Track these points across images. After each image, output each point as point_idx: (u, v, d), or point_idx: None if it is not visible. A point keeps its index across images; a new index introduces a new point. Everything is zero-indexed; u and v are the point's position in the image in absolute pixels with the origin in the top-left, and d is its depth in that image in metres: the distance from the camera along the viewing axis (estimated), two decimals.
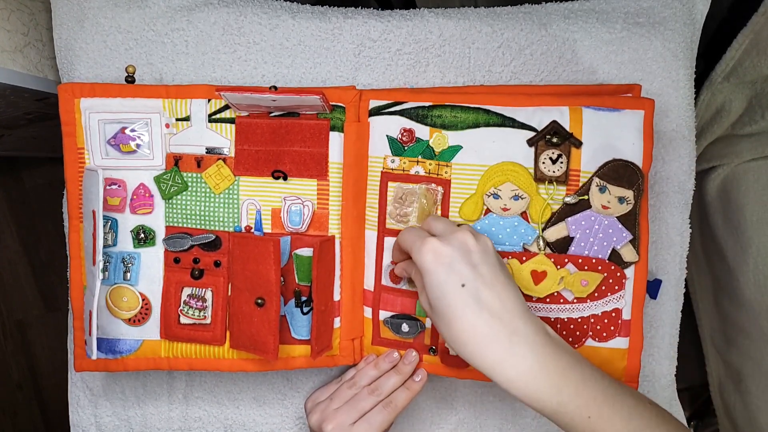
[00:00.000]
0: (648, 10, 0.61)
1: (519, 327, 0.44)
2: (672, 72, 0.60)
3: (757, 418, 0.86)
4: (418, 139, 0.56)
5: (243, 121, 0.56)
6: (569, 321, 0.55)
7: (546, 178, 0.54)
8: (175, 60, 0.61)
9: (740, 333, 0.85)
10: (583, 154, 0.54)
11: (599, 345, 0.56)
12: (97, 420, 0.67)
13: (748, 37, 0.67)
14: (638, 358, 0.56)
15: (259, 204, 0.57)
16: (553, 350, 0.44)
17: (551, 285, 0.54)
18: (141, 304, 0.58)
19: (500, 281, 0.45)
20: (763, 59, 0.67)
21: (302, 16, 0.61)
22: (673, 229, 0.63)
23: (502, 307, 0.44)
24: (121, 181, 0.57)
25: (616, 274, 0.55)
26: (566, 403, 0.43)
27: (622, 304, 0.55)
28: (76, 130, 0.56)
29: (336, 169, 0.57)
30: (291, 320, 0.58)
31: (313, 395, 0.61)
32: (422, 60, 0.61)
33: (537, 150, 0.54)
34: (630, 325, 0.56)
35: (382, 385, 0.57)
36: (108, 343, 0.58)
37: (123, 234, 0.57)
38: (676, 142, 0.62)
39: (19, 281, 1.31)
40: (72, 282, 0.58)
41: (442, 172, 0.56)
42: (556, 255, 0.54)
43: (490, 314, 0.43)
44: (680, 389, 0.68)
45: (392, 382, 0.57)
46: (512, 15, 0.61)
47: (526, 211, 0.55)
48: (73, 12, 0.61)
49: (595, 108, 0.54)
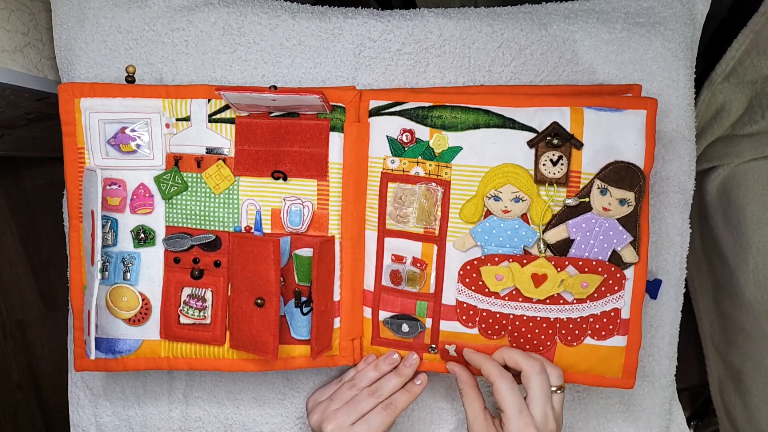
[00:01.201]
0: (648, 10, 0.61)
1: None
2: (672, 72, 0.60)
3: (757, 418, 0.86)
4: (418, 139, 0.56)
5: (243, 121, 0.56)
6: (568, 321, 0.55)
7: (546, 180, 0.54)
8: (175, 60, 0.61)
9: (740, 333, 0.85)
10: (584, 155, 0.54)
11: (597, 343, 0.56)
12: (97, 420, 0.67)
13: (748, 37, 0.67)
14: (636, 356, 0.56)
15: (259, 204, 0.57)
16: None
17: (552, 287, 0.54)
18: (141, 304, 0.58)
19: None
20: (763, 59, 0.67)
21: (302, 16, 0.61)
22: (673, 229, 0.63)
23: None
24: (121, 181, 0.57)
25: (615, 275, 0.55)
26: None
27: (621, 304, 0.55)
28: (76, 129, 0.56)
29: (336, 170, 0.57)
30: (291, 320, 0.58)
31: (314, 395, 0.61)
32: (422, 60, 0.61)
33: (537, 151, 0.54)
34: (629, 323, 0.56)
35: (382, 387, 0.57)
36: (108, 343, 0.58)
37: (123, 234, 0.57)
38: (676, 142, 0.62)
39: (19, 281, 1.31)
40: (72, 282, 0.58)
41: (442, 173, 0.56)
42: (556, 258, 0.54)
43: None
44: (680, 389, 0.68)
45: (392, 384, 0.57)
46: (512, 15, 0.61)
47: (526, 213, 0.54)
48: (73, 12, 0.61)
49: (596, 108, 0.54)
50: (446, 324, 0.57)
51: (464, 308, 0.56)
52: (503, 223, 0.55)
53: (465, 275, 0.56)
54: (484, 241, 0.55)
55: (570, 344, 0.56)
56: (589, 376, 0.57)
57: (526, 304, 0.55)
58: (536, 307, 0.55)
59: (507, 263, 0.54)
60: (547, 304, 0.55)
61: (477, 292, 0.56)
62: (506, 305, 0.55)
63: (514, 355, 0.54)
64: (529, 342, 0.56)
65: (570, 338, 0.56)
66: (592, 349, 0.56)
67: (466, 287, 0.56)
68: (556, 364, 0.55)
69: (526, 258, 0.54)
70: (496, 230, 0.55)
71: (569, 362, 0.56)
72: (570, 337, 0.56)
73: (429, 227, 0.56)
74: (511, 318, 0.56)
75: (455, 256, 0.56)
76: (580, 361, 0.56)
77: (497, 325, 0.56)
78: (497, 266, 0.55)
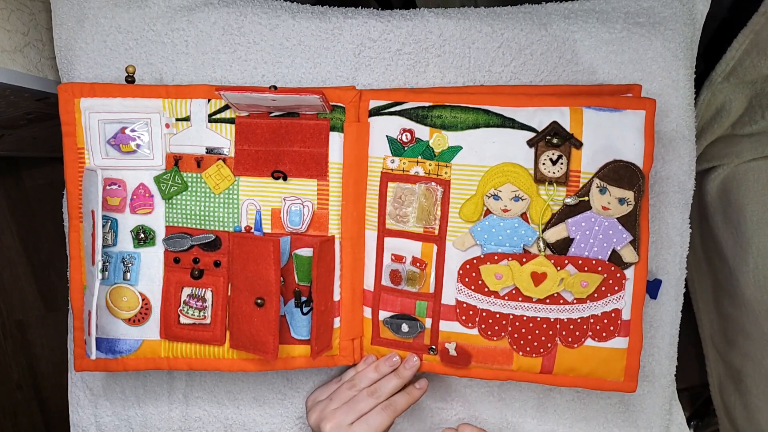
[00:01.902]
0: (648, 10, 0.61)
1: None
2: (672, 72, 0.60)
3: (757, 418, 0.86)
4: (418, 139, 0.56)
5: (243, 121, 0.56)
6: (569, 321, 0.55)
7: (546, 179, 0.54)
8: (175, 60, 0.61)
9: (740, 333, 0.85)
10: (583, 155, 0.54)
11: (599, 345, 0.56)
12: (97, 420, 0.67)
13: (748, 37, 0.67)
14: (638, 358, 0.56)
15: (259, 204, 0.57)
16: None
17: (551, 286, 0.54)
18: (141, 304, 0.58)
19: None
20: (763, 59, 0.67)
21: (302, 16, 0.61)
22: (673, 229, 0.63)
23: None
24: (121, 181, 0.57)
25: (615, 275, 0.55)
26: None
27: (622, 304, 0.55)
28: (76, 130, 0.56)
29: (336, 170, 0.57)
30: (291, 320, 0.58)
31: (314, 394, 0.61)
32: (422, 60, 0.61)
33: (537, 151, 0.54)
34: (629, 325, 0.56)
35: (381, 388, 0.57)
36: (108, 343, 0.58)
37: (123, 234, 0.57)
38: (676, 142, 0.62)
39: (19, 281, 1.31)
40: (72, 282, 0.58)
41: (442, 173, 0.56)
42: (556, 256, 0.54)
43: None
44: (680, 389, 0.68)
45: (392, 385, 0.57)
46: (512, 15, 0.61)
47: (526, 212, 0.55)
48: (73, 12, 0.61)
49: (596, 108, 0.54)
50: (446, 324, 0.57)
51: (464, 308, 0.56)
52: (503, 222, 0.55)
53: (465, 274, 0.56)
54: (483, 240, 0.55)
55: (571, 346, 0.56)
56: (591, 380, 0.57)
57: (526, 304, 0.55)
58: (536, 307, 0.55)
59: (506, 262, 0.54)
60: (547, 304, 0.55)
61: (477, 291, 0.56)
62: (506, 305, 0.55)
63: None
64: (530, 344, 0.56)
65: (571, 339, 0.56)
66: (593, 351, 0.56)
67: (466, 287, 0.56)
68: (558, 368, 0.55)
69: (526, 256, 0.54)
70: (496, 229, 0.55)
71: (570, 365, 0.56)
72: (571, 339, 0.56)
73: (429, 227, 0.56)
74: (511, 318, 0.56)
75: (455, 256, 0.56)
76: (581, 364, 0.56)
77: (497, 326, 0.56)
78: (497, 265, 0.55)
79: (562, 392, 0.65)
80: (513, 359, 0.56)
